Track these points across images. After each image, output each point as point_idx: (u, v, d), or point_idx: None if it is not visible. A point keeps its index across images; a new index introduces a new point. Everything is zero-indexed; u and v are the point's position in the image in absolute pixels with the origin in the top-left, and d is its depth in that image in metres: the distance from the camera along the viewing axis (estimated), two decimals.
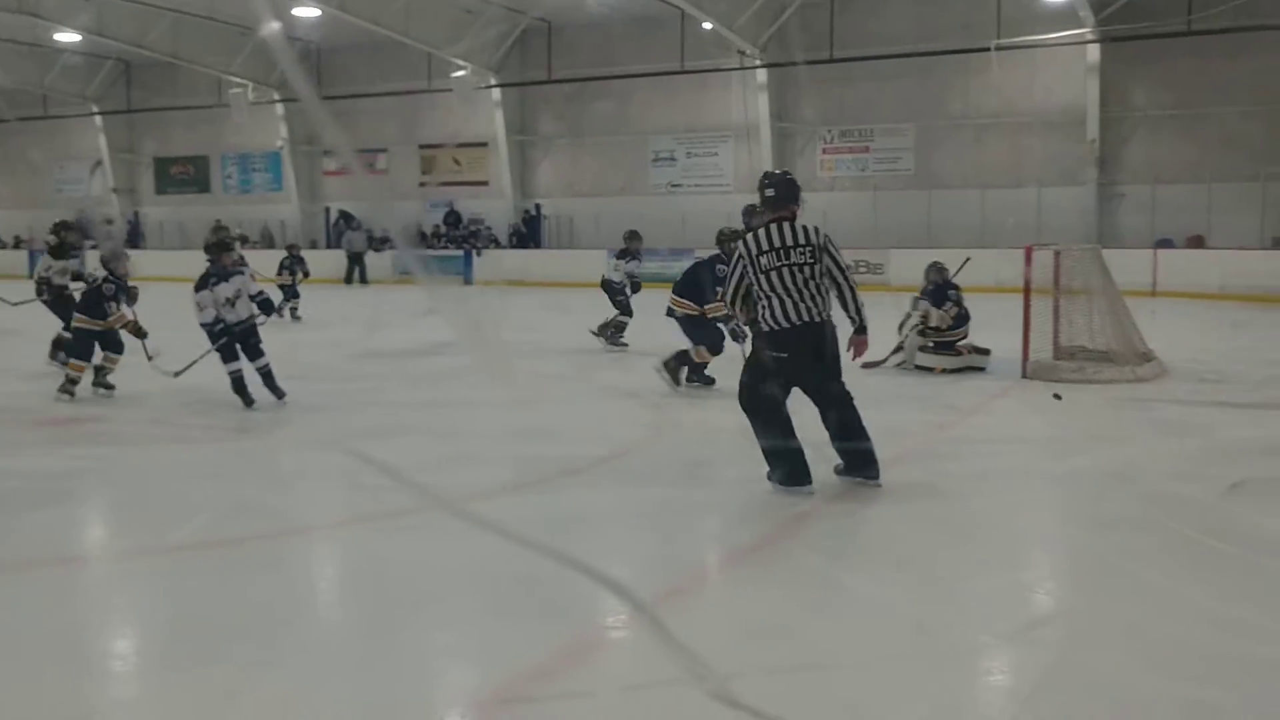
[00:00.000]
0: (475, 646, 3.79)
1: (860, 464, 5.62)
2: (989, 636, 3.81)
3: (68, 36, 27.66)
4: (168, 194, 33.16)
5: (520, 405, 8.71)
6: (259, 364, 8.43)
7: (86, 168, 33.79)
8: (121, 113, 32.31)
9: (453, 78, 26.84)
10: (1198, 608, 3.99)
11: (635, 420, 8.20)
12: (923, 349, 10.12)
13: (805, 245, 5.47)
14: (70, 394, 8.64)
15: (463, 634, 3.91)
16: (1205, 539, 4.82)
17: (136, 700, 3.45)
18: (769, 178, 5.78)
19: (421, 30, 25.53)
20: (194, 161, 32.71)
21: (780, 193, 5.65)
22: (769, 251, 5.45)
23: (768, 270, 5.43)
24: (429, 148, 29.82)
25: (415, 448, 7.16)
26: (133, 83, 31.82)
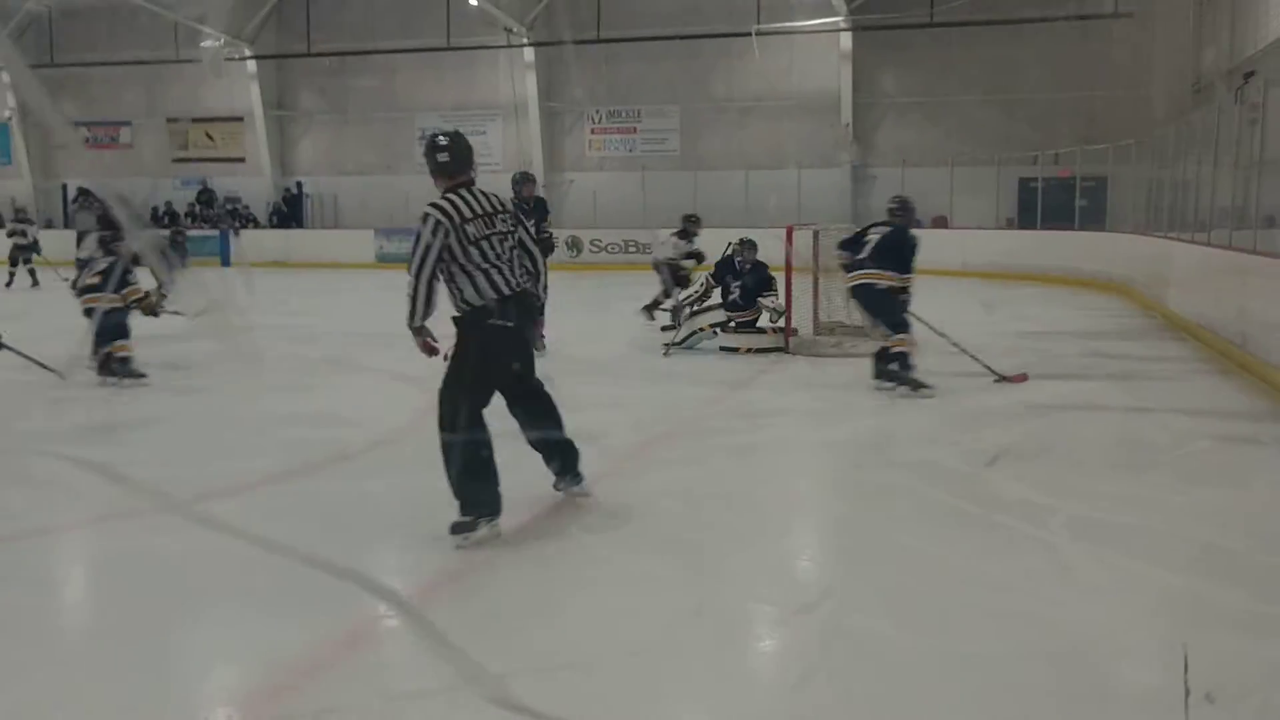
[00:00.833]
0: (236, 648, 3.60)
1: (569, 460, 5.10)
2: (758, 606, 3.91)
3: None
4: None
5: (286, 391, 8.38)
6: None
7: None
8: None
9: (201, 47, 25.43)
10: (951, 568, 4.24)
11: (407, 405, 8.01)
12: (725, 328, 10.30)
13: (504, 212, 4.87)
14: None
15: (220, 635, 3.71)
16: (956, 502, 5.13)
17: None
18: (443, 139, 4.91)
19: None
20: None
21: (458, 156, 4.89)
22: (476, 219, 4.72)
23: (477, 240, 4.70)
24: (178, 121, 28.21)
25: (171, 438, 6.76)
26: None
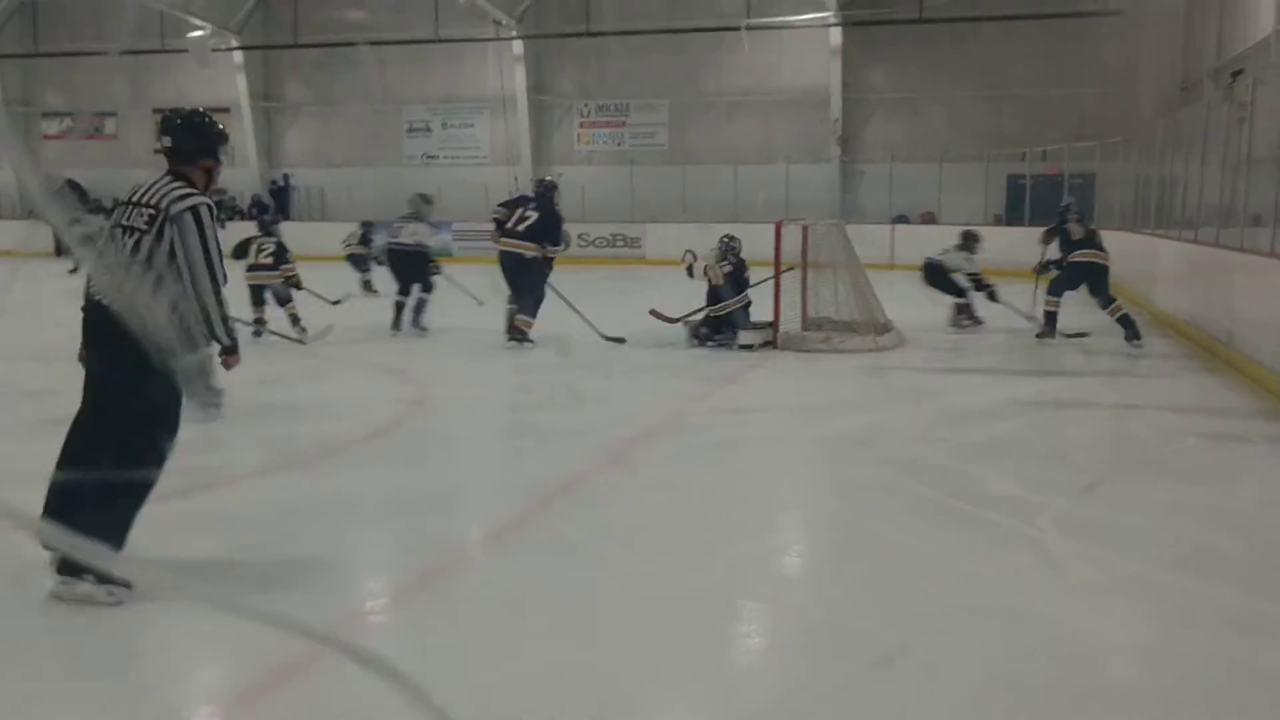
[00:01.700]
0: (224, 642, 3.56)
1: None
2: (745, 602, 3.90)
3: None
4: None
5: (271, 384, 8.33)
6: None
7: None
8: None
9: (188, 37, 25.29)
10: (939, 564, 4.22)
11: (394, 397, 7.98)
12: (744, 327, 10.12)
13: (147, 205, 3.89)
14: None
15: (211, 629, 3.67)
16: (944, 499, 5.11)
17: None
18: (175, 119, 4.09)
19: None
20: None
21: (179, 142, 4.04)
22: (122, 205, 3.99)
23: (113, 226, 3.95)
24: (164, 112, 28.00)
25: None
26: None
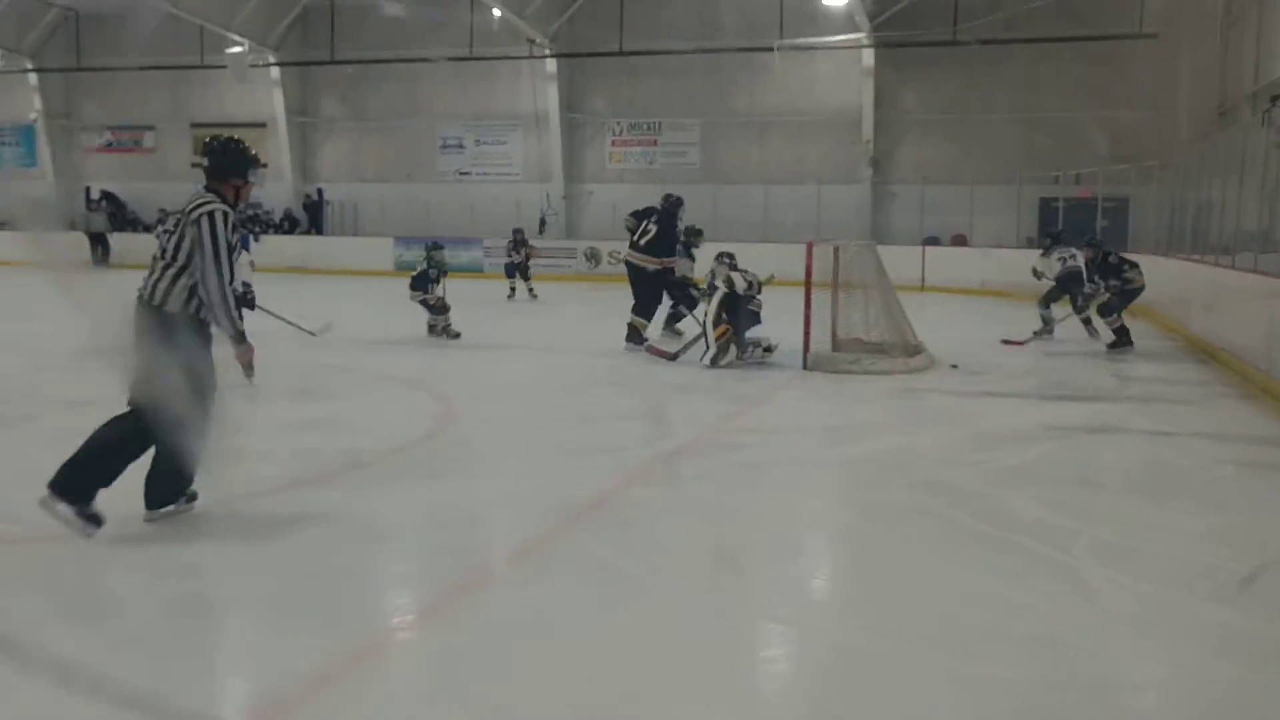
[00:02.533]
0: (252, 656, 3.56)
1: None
2: (772, 625, 3.85)
3: None
4: None
5: (298, 397, 8.37)
6: None
7: None
8: None
9: (227, 54, 25.60)
10: (964, 587, 4.17)
11: (421, 412, 7.99)
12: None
13: (179, 214, 4.62)
14: None
15: (239, 643, 3.67)
16: (971, 523, 5.05)
17: None
18: (213, 143, 4.82)
19: (193, 1, 24.20)
20: None
21: (213, 163, 4.74)
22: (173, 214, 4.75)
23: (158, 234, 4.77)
24: (202, 127, 28.32)
25: None
26: None
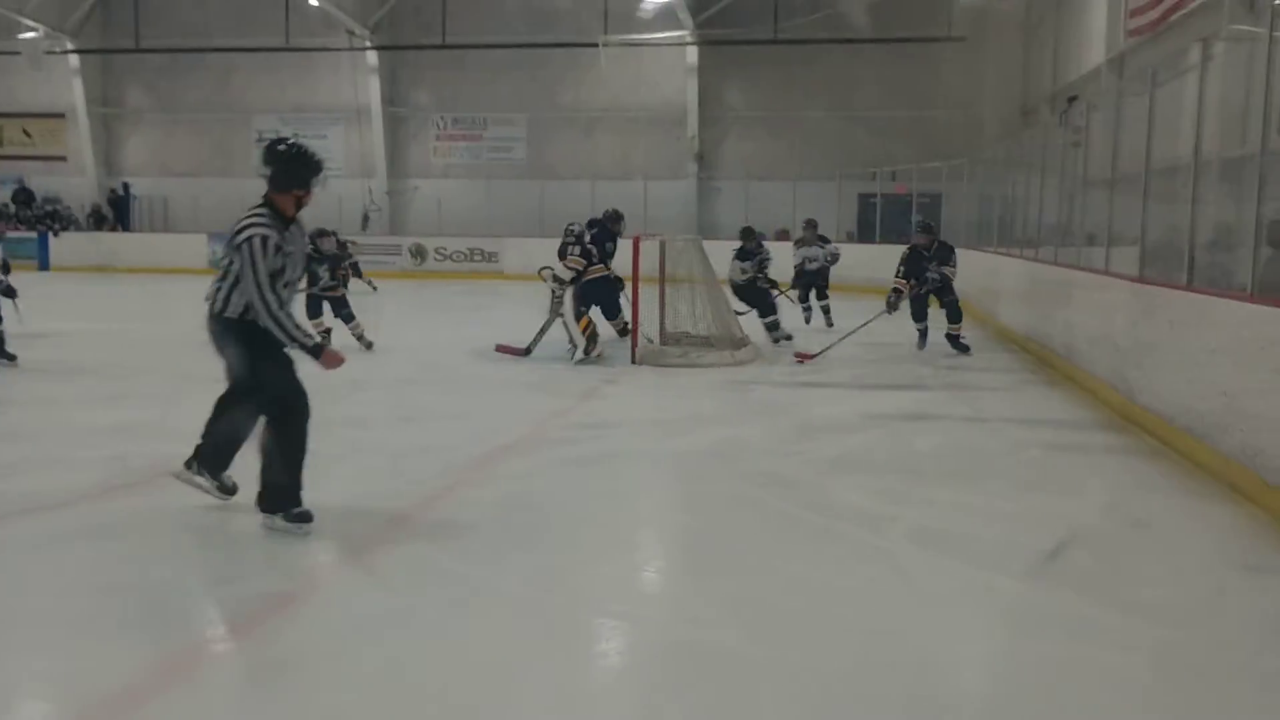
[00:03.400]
0: (59, 669, 3.31)
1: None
2: (605, 621, 3.82)
3: None
4: None
5: (106, 401, 7.92)
6: None
7: None
8: None
9: (20, 40, 24.07)
10: (796, 578, 4.22)
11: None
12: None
13: (233, 233, 4.56)
14: None
15: (32, 661, 3.41)
16: (797, 512, 5.14)
17: None
18: (277, 147, 4.72)
19: None
20: None
21: (276, 173, 4.63)
22: None
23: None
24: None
25: None
26: None
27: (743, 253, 11.72)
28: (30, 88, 25.83)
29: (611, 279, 10.65)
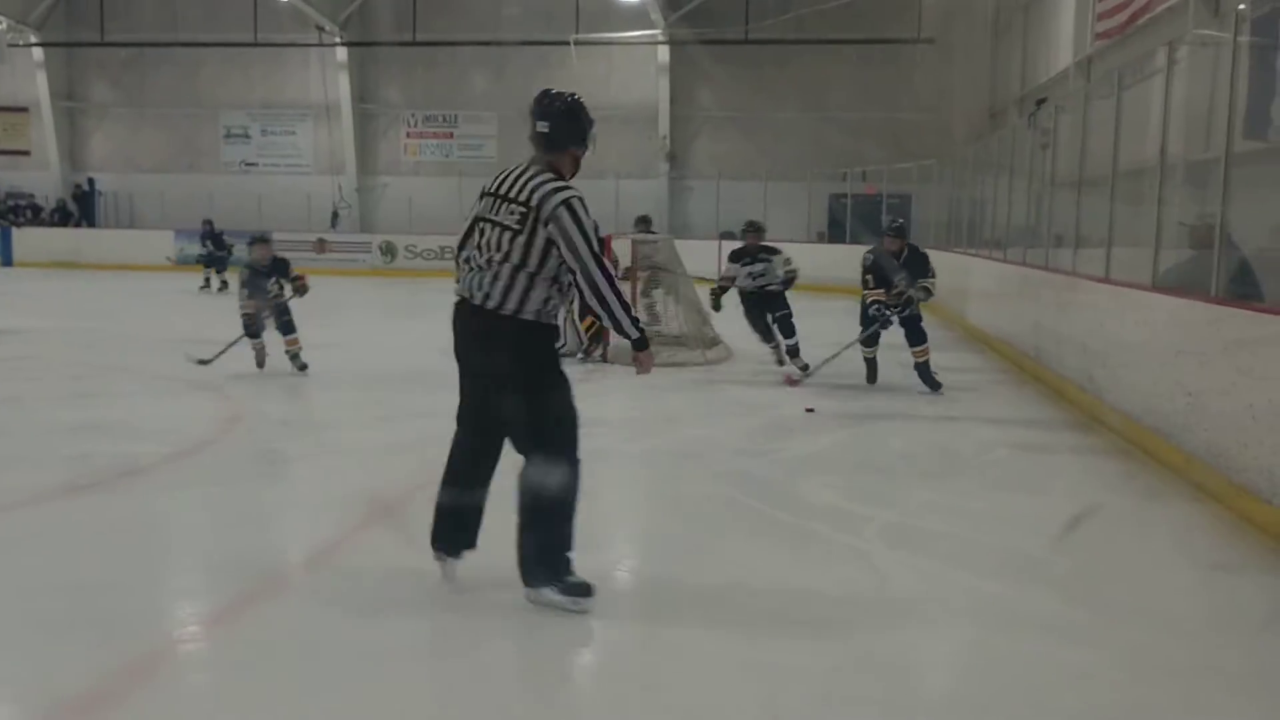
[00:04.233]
0: (21, 671, 3.27)
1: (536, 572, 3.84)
2: (574, 618, 3.81)
3: None
4: None
5: (70, 400, 7.83)
6: None
7: None
8: None
9: None
10: (762, 575, 4.24)
11: (205, 415, 7.59)
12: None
13: (519, 203, 3.67)
14: None
15: (8, 657, 3.37)
16: (770, 511, 5.16)
17: None
18: (556, 104, 3.85)
19: None
20: None
21: (556, 130, 3.80)
22: (488, 195, 3.80)
23: (477, 219, 3.81)
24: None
25: None
26: None
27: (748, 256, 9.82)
28: None
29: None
